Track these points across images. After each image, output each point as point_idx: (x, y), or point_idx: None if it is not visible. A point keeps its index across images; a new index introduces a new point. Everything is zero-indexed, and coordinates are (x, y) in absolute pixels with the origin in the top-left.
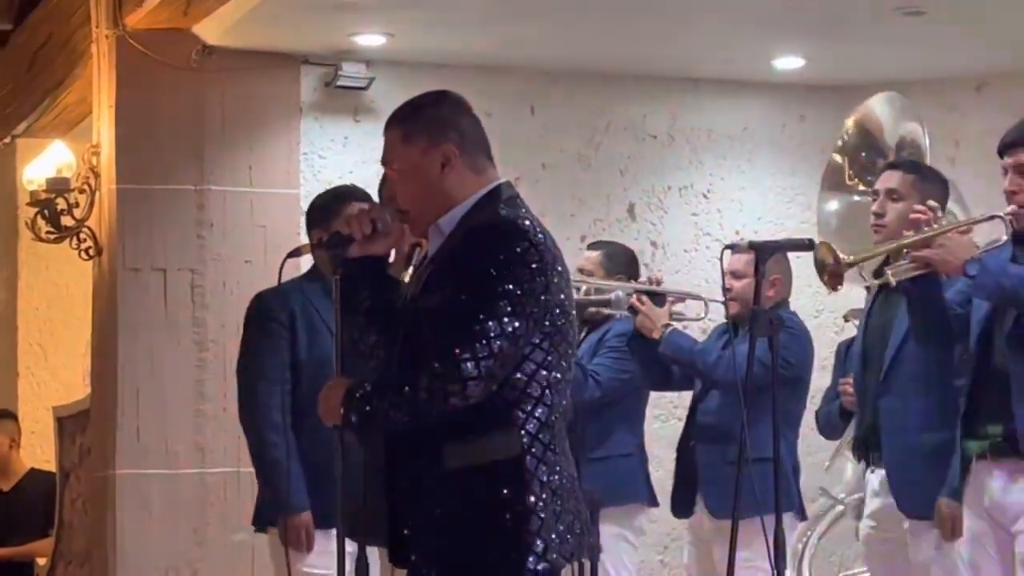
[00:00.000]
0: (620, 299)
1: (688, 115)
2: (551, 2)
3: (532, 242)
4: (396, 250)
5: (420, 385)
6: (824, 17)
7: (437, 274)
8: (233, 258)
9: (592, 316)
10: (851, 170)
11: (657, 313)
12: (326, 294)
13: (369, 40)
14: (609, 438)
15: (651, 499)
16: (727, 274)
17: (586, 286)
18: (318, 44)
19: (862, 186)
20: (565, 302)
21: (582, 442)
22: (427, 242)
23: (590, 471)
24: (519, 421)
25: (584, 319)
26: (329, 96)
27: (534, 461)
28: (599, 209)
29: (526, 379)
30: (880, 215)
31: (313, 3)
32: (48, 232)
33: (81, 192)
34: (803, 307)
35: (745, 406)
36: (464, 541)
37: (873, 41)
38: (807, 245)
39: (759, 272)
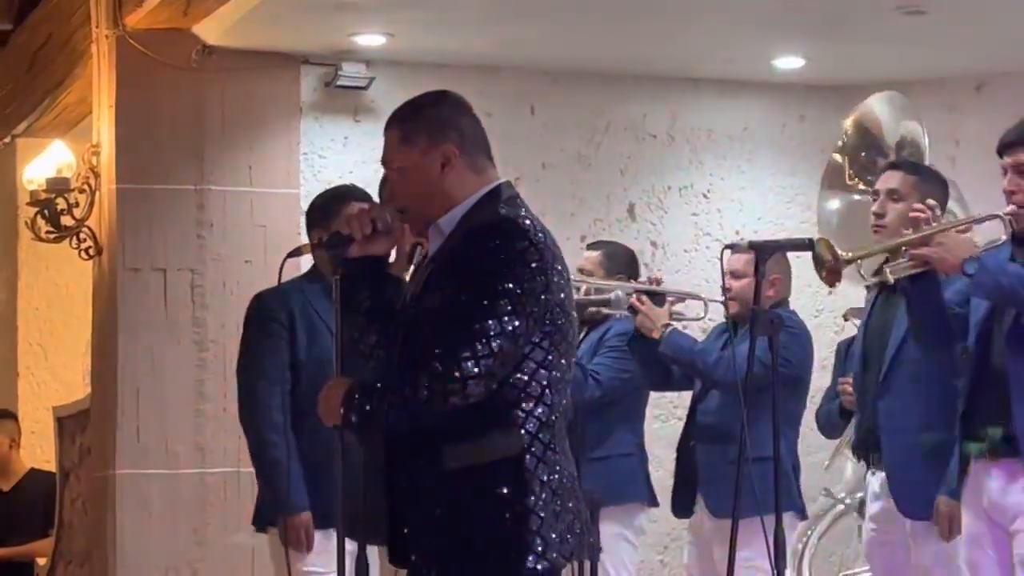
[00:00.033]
0: (620, 299)
1: (688, 115)
2: (551, 2)
3: (532, 241)
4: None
5: (420, 384)
6: (824, 17)
7: (437, 274)
8: (233, 258)
9: (592, 316)
10: (851, 170)
11: (657, 313)
12: (326, 294)
13: (369, 40)
14: (609, 438)
15: (651, 499)
16: (727, 274)
17: (586, 286)
18: (318, 44)
19: (862, 186)
20: (565, 301)
21: (582, 442)
22: (427, 242)
23: (590, 471)
24: (519, 420)
25: (584, 319)
26: (329, 96)
27: (534, 460)
28: (599, 209)
29: (526, 378)
30: (881, 215)
31: (313, 3)
32: (48, 232)
33: (81, 192)
34: (803, 307)
35: (745, 406)
36: (464, 541)
37: (873, 41)
38: (807, 245)
39: (759, 272)
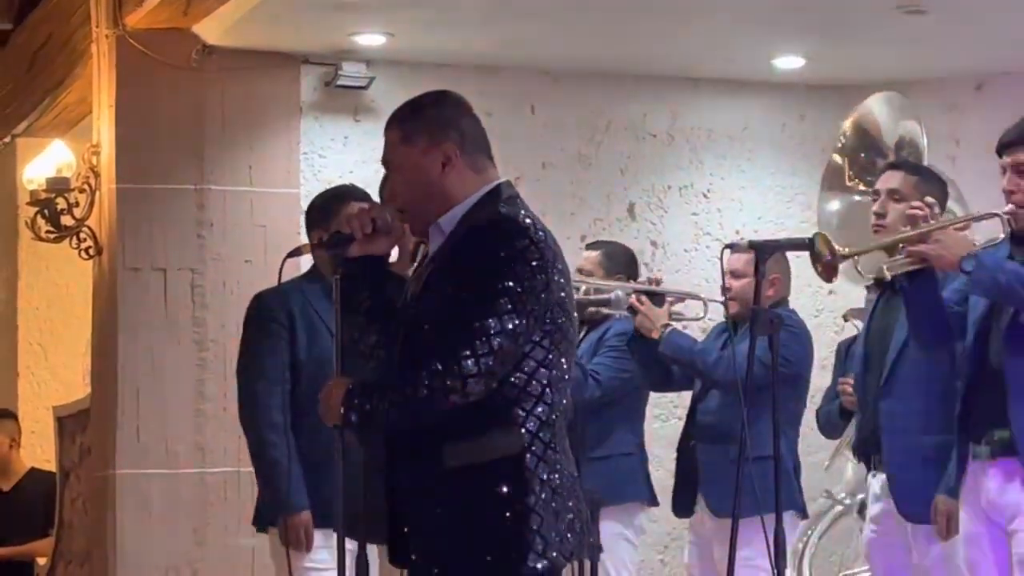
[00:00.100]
0: (620, 299)
1: (688, 115)
2: (551, 2)
3: (532, 239)
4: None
5: (420, 383)
6: (824, 17)
7: (437, 273)
8: (233, 258)
9: (592, 316)
10: (851, 171)
11: (657, 313)
12: (326, 294)
13: (369, 40)
14: (609, 437)
15: (651, 498)
16: (726, 273)
17: (585, 286)
18: (318, 44)
19: (862, 186)
20: (565, 300)
21: (582, 441)
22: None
23: (590, 470)
24: (520, 419)
25: (584, 319)
26: (329, 96)
27: (534, 459)
28: (599, 208)
29: (526, 377)
30: (881, 215)
31: (313, 3)
32: (48, 232)
33: (81, 192)
34: (803, 307)
35: (745, 405)
36: (464, 540)
37: (873, 40)
38: (807, 245)
39: (759, 271)
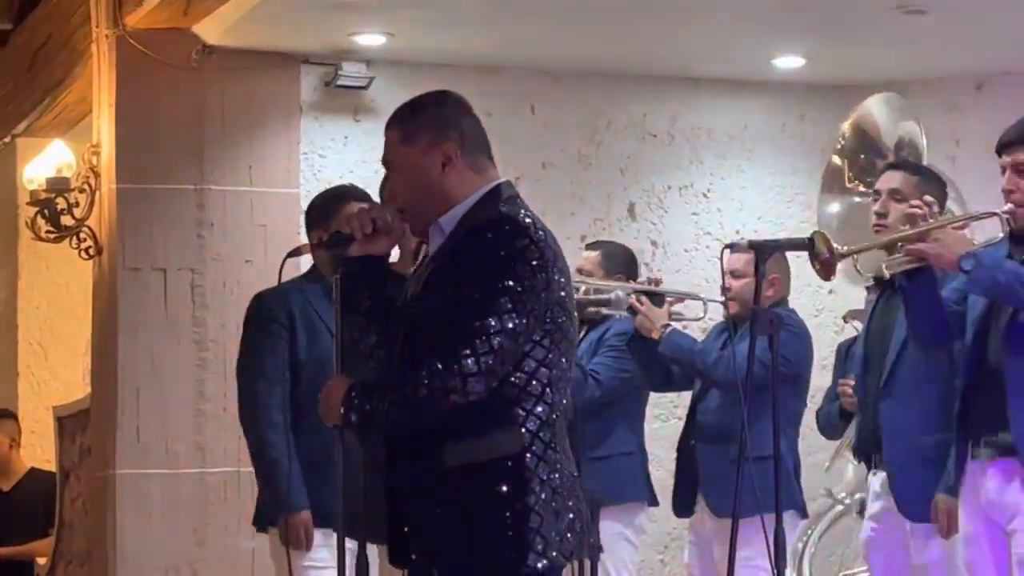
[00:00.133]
0: (620, 299)
1: (688, 114)
2: (551, 2)
3: (532, 239)
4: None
5: (420, 383)
6: (824, 16)
7: (437, 273)
8: (233, 258)
9: (592, 316)
10: (850, 172)
11: (656, 313)
12: (326, 294)
13: (369, 40)
14: (609, 437)
15: (651, 498)
16: (726, 273)
17: (585, 286)
18: (318, 44)
19: (862, 188)
20: (566, 299)
21: (582, 441)
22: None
23: (591, 470)
24: (520, 419)
25: (584, 318)
26: (329, 96)
27: (535, 459)
28: (599, 208)
29: (527, 377)
30: (883, 215)
31: (313, 3)
32: (48, 231)
33: (81, 192)
34: (803, 307)
35: (746, 405)
36: (464, 539)
37: (873, 41)
38: (806, 245)
39: (759, 271)
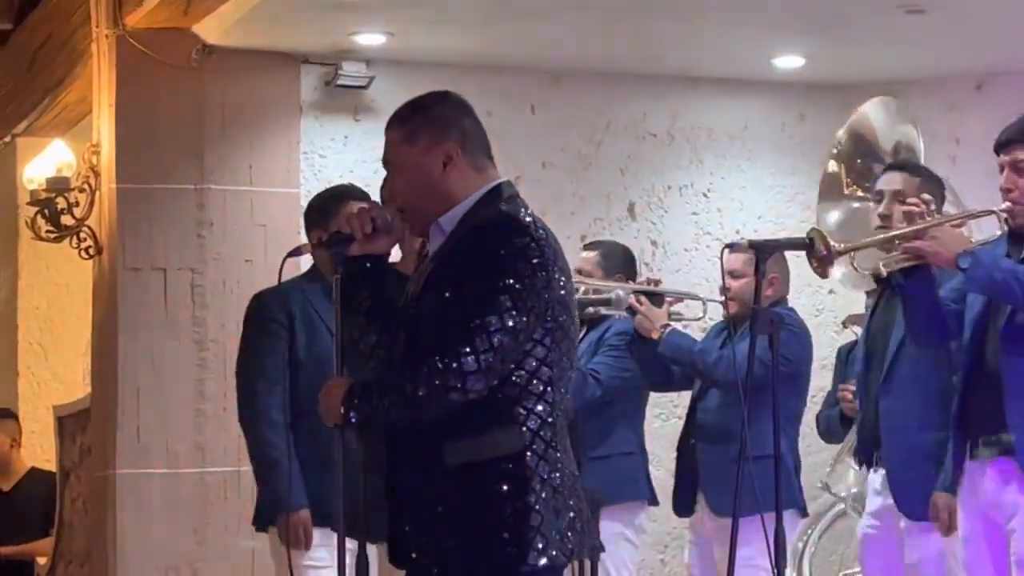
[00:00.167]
0: (619, 299)
1: (688, 114)
2: (551, 2)
3: (533, 237)
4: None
5: (420, 381)
6: (824, 16)
7: (438, 272)
8: (233, 257)
9: (591, 315)
10: (848, 177)
11: (656, 313)
12: (326, 294)
13: (369, 39)
14: (610, 436)
15: (652, 498)
16: (726, 273)
17: (585, 287)
18: (318, 43)
19: (860, 192)
20: (566, 298)
21: (583, 441)
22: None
23: (591, 469)
24: (520, 418)
25: (583, 318)
26: (329, 95)
27: (535, 458)
28: (599, 208)
29: (528, 375)
30: (887, 216)
31: (313, 2)
32: (48, 231)
33: (81, 191)
34: (803, 307)
35: (746, 404)
36: (465, 538)
37: (873, 40)
38: (806, 245)
39: (759, 271)
